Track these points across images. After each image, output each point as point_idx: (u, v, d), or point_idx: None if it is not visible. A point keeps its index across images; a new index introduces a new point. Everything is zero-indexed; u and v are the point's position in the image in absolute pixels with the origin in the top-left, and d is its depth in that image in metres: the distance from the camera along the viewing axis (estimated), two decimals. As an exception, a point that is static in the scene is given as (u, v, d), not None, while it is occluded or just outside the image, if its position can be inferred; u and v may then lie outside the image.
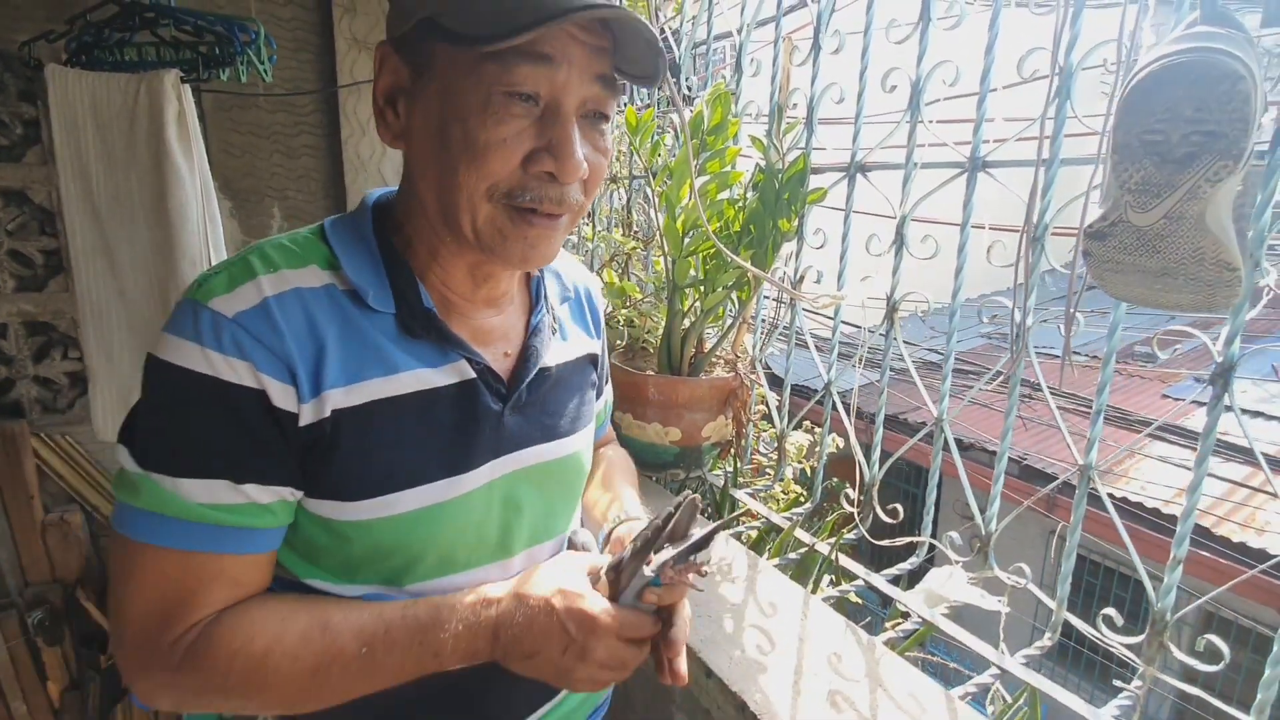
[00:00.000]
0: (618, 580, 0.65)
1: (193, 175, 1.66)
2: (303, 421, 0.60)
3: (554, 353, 0.78)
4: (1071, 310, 0.83)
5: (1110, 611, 0.90)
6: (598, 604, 0.62)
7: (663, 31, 1.64)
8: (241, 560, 0.61)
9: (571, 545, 0.81)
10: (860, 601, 1.23)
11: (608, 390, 0.99)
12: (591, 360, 0.87)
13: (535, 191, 0.61)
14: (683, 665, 0.65)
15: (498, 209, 0.62)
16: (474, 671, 0.66)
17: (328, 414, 0.60)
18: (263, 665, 0.59)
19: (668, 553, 0.62)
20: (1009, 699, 0.97)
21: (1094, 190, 0.76)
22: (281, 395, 0.58)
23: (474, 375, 0.69)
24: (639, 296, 1.66)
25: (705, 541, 0.62)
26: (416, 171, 0.65)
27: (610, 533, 0.81)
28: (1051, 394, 1.01)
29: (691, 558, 0.62)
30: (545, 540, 0.78)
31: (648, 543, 0.63)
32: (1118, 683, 0.90)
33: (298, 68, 2.25)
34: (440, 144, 0.61)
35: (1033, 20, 0.98)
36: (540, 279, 0.81)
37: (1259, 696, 0.75)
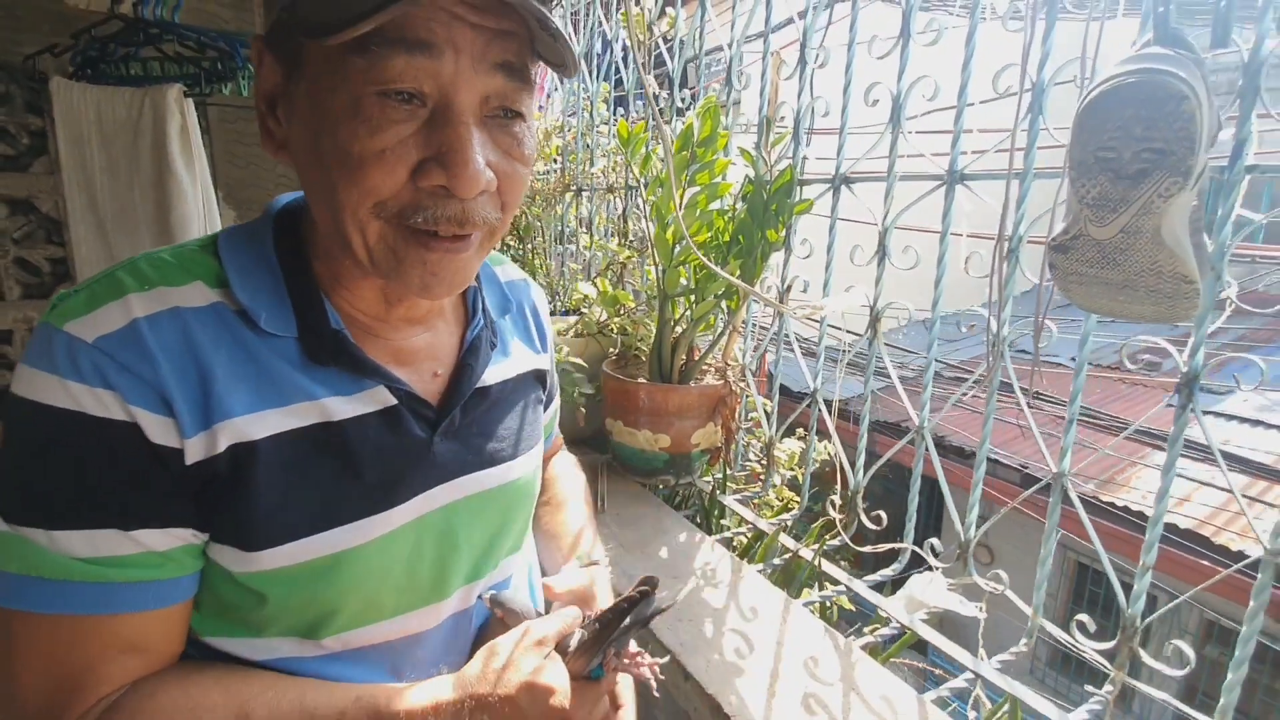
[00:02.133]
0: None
1: (195, 187, 1.70)
2: (190, 459, 0.51)
3: (493, 370, 0.71)
4: (1040, 319, 0.85)
5: (1083, 617, 0.91)
6: (567, 694, 0.56)
7: (657, 46, 1.67)
8: (143, 619, 0.52)
9: (499, 605, 0.69)
10: (854, 607, 1.24)
11: (556, 400, 0.93)
12: (537, 376, 0.79)
13: (430, 210, 0.52)
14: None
15: (389, 227, 0.53)
16: None
17: (221, 450, 0.52)
18: None
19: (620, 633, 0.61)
20: (989, 704, 0.98)
21: (1060, 205, 0.78)
22: (158, 429, 0.50)
23: (395, 402, 0.61)
24: (631, 305, 1.68)
25: (642, 623, 0.61)
26: (304, 185, 0.57)
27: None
28: (1042, 401, 1.02)
29: (643, 657, 0.64)
30: (483, 575, 0.70)
31: (606, 626, 0.61)
32: (1089, 688, 0.91)
33: (300, 80, 2.30)
34: (315, 157, 0.52)
35: (1010, 37, 1.00)
36: (478, 288, 0.73)
37: (1221, 700, 0.76)
